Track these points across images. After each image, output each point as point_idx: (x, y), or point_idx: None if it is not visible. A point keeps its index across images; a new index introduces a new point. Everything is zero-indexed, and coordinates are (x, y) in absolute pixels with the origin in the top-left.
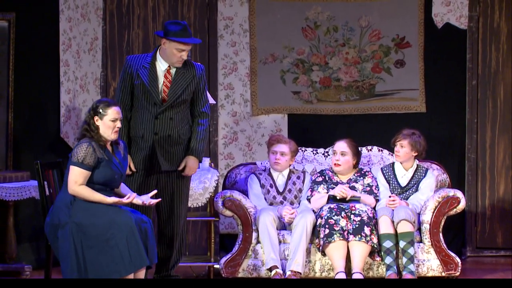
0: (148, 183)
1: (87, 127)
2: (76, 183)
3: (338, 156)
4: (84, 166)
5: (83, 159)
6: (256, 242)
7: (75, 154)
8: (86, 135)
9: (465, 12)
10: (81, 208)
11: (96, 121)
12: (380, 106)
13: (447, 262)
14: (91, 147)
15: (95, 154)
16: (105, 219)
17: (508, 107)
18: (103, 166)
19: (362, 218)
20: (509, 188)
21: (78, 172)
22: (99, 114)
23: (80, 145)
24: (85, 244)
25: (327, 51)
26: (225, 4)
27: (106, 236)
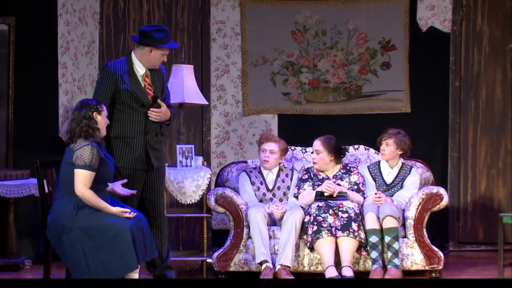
0: (137, 181)
1: (89, 123)
2: (85, 186)
3: (314, 155)
4: (92, 168)
5: (90, 161)
6: (247, 238)
7: (81, 157)
8: (89, 133)
9: (449, 16)
10: (85, 213)
11: (95, 117)
12: (366, 106)
13: (431, 256)
14: (95, 148)
15: (99, 155)
16: (107, 220)
17: (489, 108)
18: (104, 164)
19: (350, 214)
20: (490, 185)
21: (87, 175)
22: (99, 110)
23: (83, 148)
24: (92, 247)
25: (315, 54)
26: (218, 9)
27: (112, 235)
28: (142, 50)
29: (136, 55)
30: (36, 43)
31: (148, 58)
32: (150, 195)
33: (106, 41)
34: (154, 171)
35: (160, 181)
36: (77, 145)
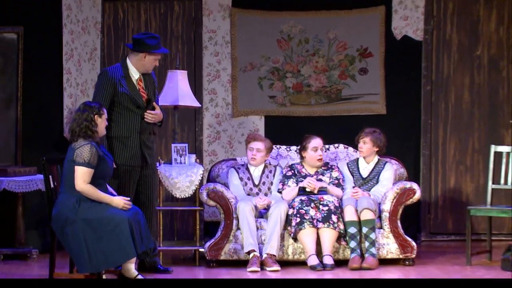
0: (134, 177)
1: (89, 125)
2: (84, 182)
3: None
4: (90, 165)
5: (89, 159)
6: (236, 229)
7: (80, 155)
8: (88, 134)
9: (421, 26)
10: (87, 206)
11: (96, 119)
12: (345, 108)
13: (404, 246)
14: (94, 147)
15: (97, 153)
16: (107, 212)
17: (458, 109)
18: (102, 162)
19: (330, 207)
20: (458, 180)
21: (86, 172)
22: (99, 113)
23: (83, 147)
24: (94, 237)
25: (299, 60)
26: (209, 19)
27: (111, 226)
28: (137, 56)
29: (131, 61)
30: (42, 51)
31: (142, 63)
32: (144, 188)
33: (107, 48)
34: (148, 167)
35: (153, 176)
36: (77, 144)
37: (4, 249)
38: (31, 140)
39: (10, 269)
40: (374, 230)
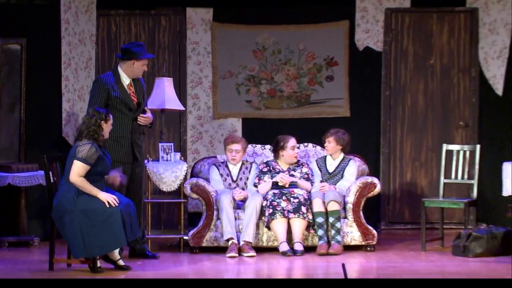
0: (126, 172)
1: (96, 130)
2: (78, 175)
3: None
4: (87, 162)
5: (87, 156)
6: (216, 219)
7: (81, 152)
8: (94, 137)
9: (381, 38)
10: (85, 198)
11: (102, 124)
12: (314, 111)
13: (366, 234)
14: (94, 147)
15: (97, 153)
16: (102, 204)
17: (414, 112)
18: (101, 161)
19: (300, 200)
20: (414, 175)
21: (81, 166)
22: (106, 119)
23: (85, 145)
24: (89, 225)
25: (272, 69)
26: (193, 32)
27: (105, 216)
28: (126, 64)
29: (121, 69)
30: (43, 60)
31: (132, 69)
32: (134, 182)
33: (101, 58)
34: (138, 163)
35: (142, 171)
36: (81, 142)
37: (9, 237)
38: (33, 140)
39: (14, 255)
40: (339, 220)
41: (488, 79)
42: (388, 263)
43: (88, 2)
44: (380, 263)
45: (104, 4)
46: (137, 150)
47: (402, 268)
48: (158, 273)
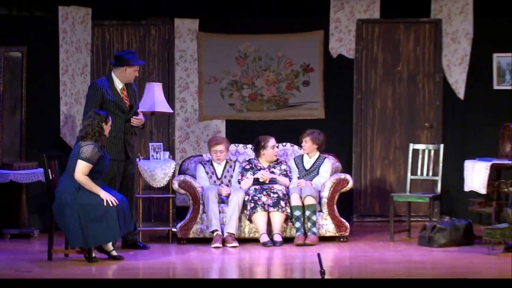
0: (119, 169)
1: (100, 131)
2: (82, 173)
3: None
4: (90, 162)
5: (91, 156)
6: (202, 212)
7: (84, 152)
8: (97, 138)
9: (353, 46)
10: (84, 194)
11: (104, 126)
12: (292, 114)
13: (340, 226)
14: (96, 148)
15: (98, 153)
16: (99, 200)
17: (383, 115)
18: (101, 160)
19: (279, 195)
20: (383, 172)
21: (86, 165)
22: (106, 120)
23: (88, 145)
24: (88, 219)
25: (253, 74)
26: (180, 41)
27: (102, 211)
28: (119, 70)
29: (115, 74)
30: (42, 66)
31: (124, 75)
32: (126, 179)
33: (96, 65)
34: (130, 161)
35: (134, 169)
36: (84, 143)
37: (11, 229)
38: (33, 140)
39: (16, 246)
40: (315, 213)
41: (450, 84)
42: (359, 252)
43: (83, 13)
44: (352, 252)
45: (98, 15)
46: (129, 149)
47: (372, 257)
48: (148, 263)
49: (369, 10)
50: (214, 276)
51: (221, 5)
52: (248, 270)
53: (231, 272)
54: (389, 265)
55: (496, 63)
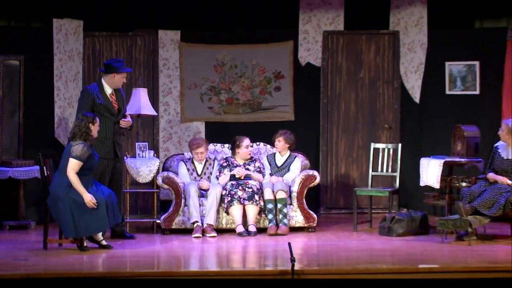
0: (109, 167)
1: (87, 131)
2: (73, 170)
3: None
4: (80, 159)
5: (81, 154)
6: (184, 206)
7: (75, 151)
8: (85, 137)
9: (320, 55)
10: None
11: (90, 127)
12: (265, 116)
13: (308, 217)
14: (86, 146)
15: (88, 151)
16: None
17: (347, 117)
18: (91, 158)
19: (253, 189)
20: (347, 169)
21: (76, 163)
22: (93, 122)
23: (78, 144)
24: (79, 212)
25: (230, 81)
26: (164, 50)
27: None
28: (108, 76)
29: (104, 80)
30: (38, 73)
31: (113, 81)
32: (116, 176)
33: (87, 72)
34: (118, 159)
35: (122, 166)
36: (75, 142)
37: (10, 221)
38: (30, 140)
39: (14, 236)
40: (286, 206)
41: (407, 89)
42: (326, 241)
43: (76, 25)
44: (320, 241)
45: (89, 27)
46: (118, 148)
47: (337, 246)
48: (135, 251)
49: (334, 23)
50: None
51: (200, 18)
52: (226, 257)
53: (210, 260)
54: (352, 252)
55: (448, 71)
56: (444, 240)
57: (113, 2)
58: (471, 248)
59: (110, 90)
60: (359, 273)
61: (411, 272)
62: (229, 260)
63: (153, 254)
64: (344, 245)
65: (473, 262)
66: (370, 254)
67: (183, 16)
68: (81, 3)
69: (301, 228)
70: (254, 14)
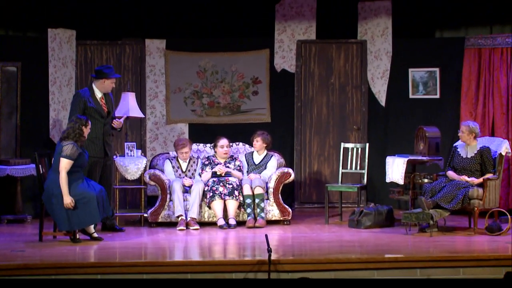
0: (99, 164)
1: (79, 132)
2: (65, 169)
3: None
4: (71, 158)
5: (71, 154)
6: (169, 200)
7: (65, 151)
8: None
9: (294, 62)
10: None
11: (83, 129)
12: (244, 118)
13: (284, 211)
14: (75, 146)
15: (78, 151)
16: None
17: (319, 119)
18: (81, 156)
19: (233, 185)
20: (319, 167)
21: (67, 162)
22: (86, 124)
23: (68, 145)
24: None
25: (212, 86)
26: (150, 57)
27: (84, 200)
28: (99, 82)
29: (95, 85)
30: (34, 79)
31: (103, 86)
32: (106, 173)
33: (79, 78)
34: (108, 158)
35: (111, 164)
36: (65, 142)
37: (7, 215)
38: (26, 140)
39: (12, 230)
40: (263, 201)
41: (374, 94)
42: (300, 233)
43: (69, 34)
44: (294, 233)
45: (81, 36)
46: (107, 148)
47: (310, 237)
48: (124, 243)
49: (307, 33)
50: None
51: (184, 28)
52: (208, 248)
53: (193, 251)
54: (324, 244)
55: (411, 77)
56: (408, 232)
57: (104, 13)
58: (433, 239)
59: (100, 94)
60: (331, 263)
61: (378, 261)
62: (211, 251)
63: (140, 246)
64: (316, 236)
65: (435, 252)
66: (340, 245)
67: (168, 26)
68: (74, 14)
69: (277, 221)
70: (234, 25)
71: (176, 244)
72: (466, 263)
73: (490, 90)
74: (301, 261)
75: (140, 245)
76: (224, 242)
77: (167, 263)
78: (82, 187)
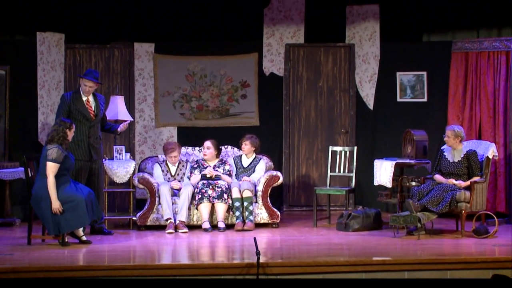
0: (85, 168)
1: (63, 135)
2: (52, 173)
3: (206, 150)
4: (57, 162)
5: (56, 157)
6: (158, 204)
7: (50, 155)
8: (60, 141)
9: (282, 66)
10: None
11: (67, 132)
12: (232, 121)
13: (272, 214)
14: (60, 149)
15: (63, 154)
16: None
17: (307, 123)
18: (67, 159)
19: (222, 188)
20: (308, 170)
21: (53, 165)
22: (70, 127)
23: (53, 148)
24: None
25: (200, 89)
26: (139, 61)
27: (73, 203)
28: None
29: (81, 88)
30: (23, 82)
31: (82, 87)
32: (94, 177)
33: (68, 81)
34: (95, 162)
35: (99, 168)
36: (50, 146)
37: None
38: (15, 144)
39: (1, 233)
40: (252, 204)
41: (362, 97)
42: (288, 236)
43: (58, 38)
44: (283, 236)
45: (70, 40)
46: (93, 151)
47: (299, 240)
48: (112, 246)
49: (295, 36)
50: (168, 257)
51: (173, 32)
52: (196, 251)
53: (182, 254)
54: (312, 246)
55: (399, 80)
56: (396, 235)
57: (93, 16)
58: (421, 242)
59: (85, 97)
60: (319, 265)
61: (366, 264)
62: (199, 254)
63: (129, 249)
64: (305, 239)
65: (423, 254)
66: (328, 248)
67: (157, 30)
68: (63, 17)
69: (266, 224)
70: (222, 28)
71: (165, 247)
72: (453, 265)
73: (477, 93)
74: (290, 264)
75: (129, 248)
76: (212, 245)
77: (155, 266)
78: (70, 190)
